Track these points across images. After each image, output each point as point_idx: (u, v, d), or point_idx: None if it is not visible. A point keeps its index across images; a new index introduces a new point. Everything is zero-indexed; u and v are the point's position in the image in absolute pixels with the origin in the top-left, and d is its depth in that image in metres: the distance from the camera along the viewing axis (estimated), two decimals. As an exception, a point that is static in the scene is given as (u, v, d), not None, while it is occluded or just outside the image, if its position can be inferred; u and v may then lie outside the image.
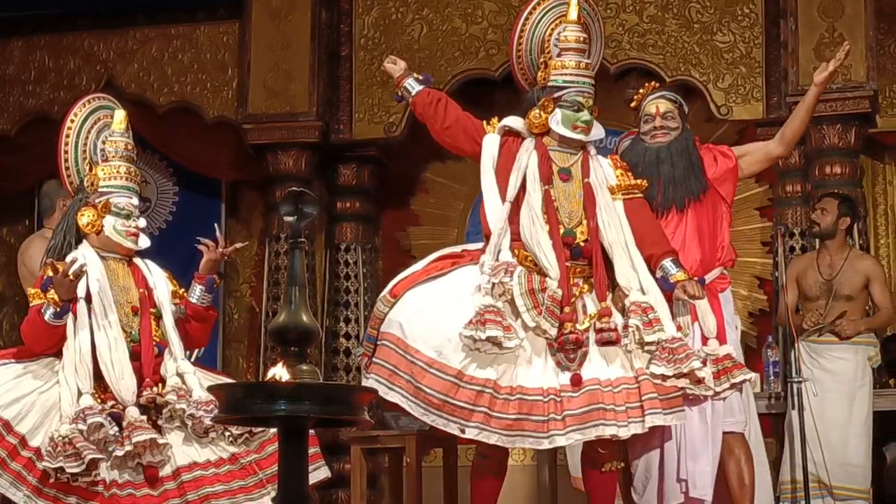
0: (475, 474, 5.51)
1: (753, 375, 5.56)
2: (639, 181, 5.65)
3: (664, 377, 5.25)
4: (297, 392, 4.12)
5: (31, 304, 5.61)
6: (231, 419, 4.75)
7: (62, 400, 5.44)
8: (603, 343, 5.30)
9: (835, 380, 7.48)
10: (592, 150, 5.71)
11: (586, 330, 5.33)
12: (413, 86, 5.82)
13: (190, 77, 9.35)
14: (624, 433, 5.22)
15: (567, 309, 5.33)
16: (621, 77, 8.87)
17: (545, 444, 5.24)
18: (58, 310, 5.45)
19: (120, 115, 5.93)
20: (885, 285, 7.58)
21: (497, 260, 5.39)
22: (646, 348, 5.30)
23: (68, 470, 5.24)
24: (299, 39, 9.02)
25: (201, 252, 5.99)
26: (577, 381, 5.25)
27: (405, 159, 9.26)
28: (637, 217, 5.56)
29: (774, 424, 7.86)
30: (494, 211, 5.52)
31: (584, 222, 5.51)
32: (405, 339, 5.31)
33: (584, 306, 5.41)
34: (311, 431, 5.13)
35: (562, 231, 5.46)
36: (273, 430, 5.28)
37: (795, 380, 6.91)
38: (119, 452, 5.33)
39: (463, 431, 5.23)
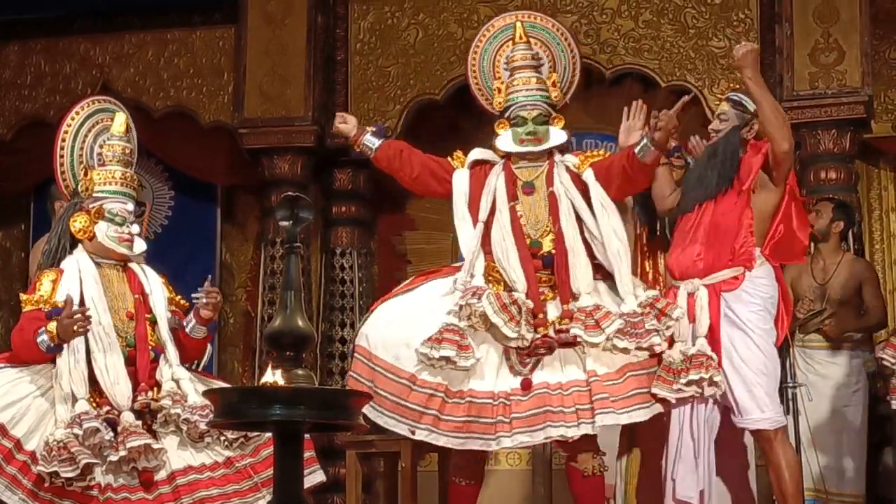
0: (451, 480, 5.73)
1: (707, 376, 5.52)
2: (601, 151, 5.93)
3: (626, 350, 5.44)
4: (293, 397, 4.13)
5: (23, 310, 5.61)
6: (226, 424, 4.76)
7: (58, 405, 5.44)
8: (561, 344, 5.48)
9: (829, 385, 7.49)
10: (558, 157, 5.86)
11: (556, 331, 5.52)
12: (372, 141, 5.96)
13: (186, 81, 9.35)
14: (573, 433, 5.40)
15: (540, 316, 5.53)
16: (617, 82, 8.87)
17: (493, 446, 5.45)
18: (52, 345, 5.43)
19: (120, 118, 5.93)
20: (876, 288, 7.59)
21: (472, 277, 5.59)
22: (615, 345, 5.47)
23: (63, 474, 5.23)
24: (295, 44, 9.02)
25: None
26: (526, 386, 5.46)
27: (401, 164, 9.25)
28: (603, 168, 5.75)
29: (769, 429, 7.86)
30: (467, 235, 5.74)
31: (552, 231, 5.70)
32: (369, 349, 5.55)
33: (546, 313, 5.59)
34: (307, 436, 5.14)
35: (528, 242, 5.66)
36: (268, 434, 5.28)
37: (790, 385, 6.92)
38: (114, 458, 5.33)
39: (413, 433, 5.47)
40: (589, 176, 5.75)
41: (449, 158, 5.95)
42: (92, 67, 9.47)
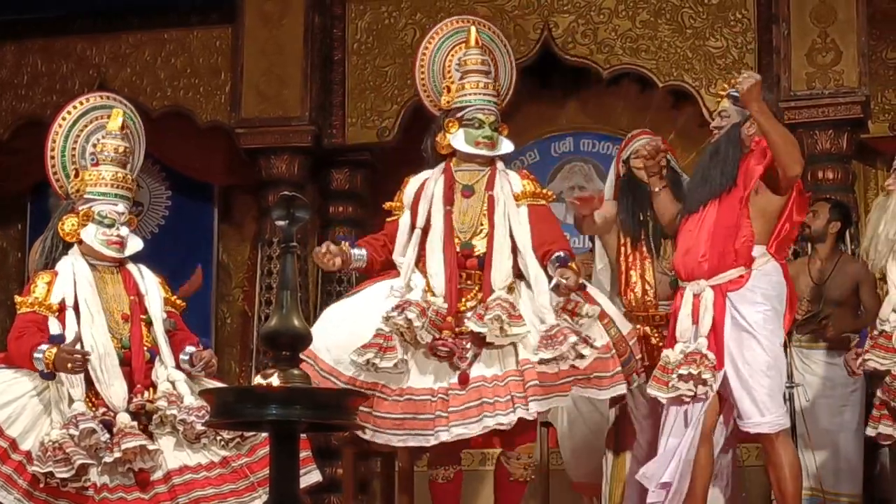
0: (431, 478, 5.81)
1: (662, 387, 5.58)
2: (546, 191, 5.95)
3: (545, 361, 5.51)
4: (289, 396, 4.13)
5: (18, 312, 5.60)
6: (222, 423, 4.75)
7: (53, 406, 5.44)
8: (480, 345, 5.60)
9: (826, 385, 7.48)
10: (501, 165, 5.95)
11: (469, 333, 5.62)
12: (360, 254, 5.93)
13: (183, 81, 9.35)
14: (507, 420, 5.51)
15: (449, 318, 5.64)
16: (614, 82, 8.88)
17: (431, 441, 5.56)
18: (46, 371, 5.42)
19: (116, 114, 5.89)
20: (873, 288, 7.58)
21: (410, 290, 5.71)
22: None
23: (58, 475, 5.23)
24: (292, 44, 9.02)
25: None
26: (464, 380, 5.59)
27: (398, 164, 9.22)
28: (538, 221, 5.82)
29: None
30: (401, 243, 5.87)
31: (485, 232, 5.79)
32: (314, 351, 5.61)
33: (460, 317, 5.68)
34: (303, 435, 5.14)
35: (459, 245, 5.77)
36: (264, 434, 5.28)
37: (787, 385, 6.91)
38: (109, 459, 5.32)
39: (363, 432, 5.58)
40: (523, 213, 5.84)
41: (391, 210, 6.05)
42: (89, 67, 9.47)
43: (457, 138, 5.89)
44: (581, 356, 5.55)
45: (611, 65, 8.71)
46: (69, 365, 5.33)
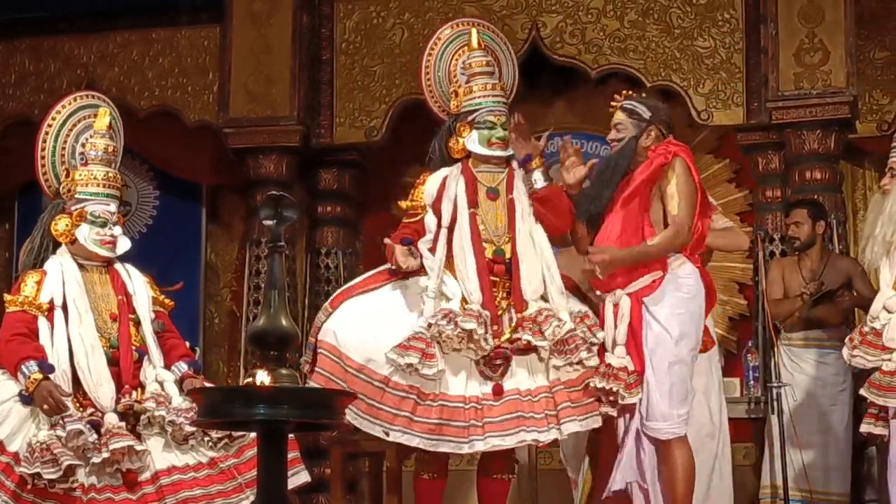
0: (416, 475, 5.80)
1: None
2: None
3: (557, 368, 5.56)
4: (276, 396, 4.14)
5: (7, 311, 5.59)
6: (210, 423, 4.75)
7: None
8: (515, 352, 5.58)
9: (816, 384, 7.49)
10: (515, 165, 5.91)
11: (508, 341, 5.60)
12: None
13: (171, 81, 9.33)
14: (545, 438, 5.54)
15: (495, 327, 5.60)
16: (602, 82, 8.88)
17: (465, 449, 5.53)
18: (26, 394, 5.41)
19: (104, 114, 5.88)
20: (866, 279, 7.59)
21: (447, 300, 5.63)
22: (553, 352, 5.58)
23: (45, 476, 5.22)
24: (280, 44, 9.01)
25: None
26: (498, 391, 5.55)
27: (386, 163, 9.25)
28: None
29: (755, 429, 7.88)
30: (427, 241, 5.79)
31: (510, 237, 5.76)
32: (339, 347, 5.56)
33: (509, 319, 5.66)
34: (291, 436, 5.13)
35: (491, 251, 5.73)
36: (252, 435, 5.28)
37: (775, 384, 6.92)
38: (97, 459, 5.31)
39: (387, 434, 5.52)
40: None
41: (408, 203, 5.97)
42: (77, 67, 9.45)
43: (471, 140, 5.86)
44: (583, 365, 5.59)
45: (599, 65, 8.71)
46: (45, 406, 5.33)
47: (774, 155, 8.49)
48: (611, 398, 5.55)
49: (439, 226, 5.79)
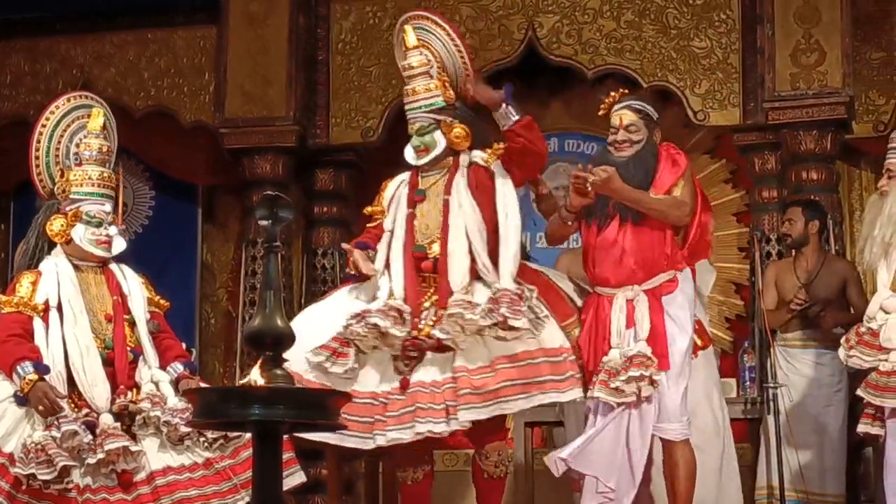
0: (401, 480, 5.87)
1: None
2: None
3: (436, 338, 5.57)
4: (272, 397, 4.12)
5: (2, 311, 5.58)
6: (205, 424, 4.74)
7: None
8: (430, 348, 5.63)
9: (812, 385, 7.49)
10: (465, 160, 5.91)
11: (427, 335, 5.64)
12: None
13: (167, 81, 9.33)
14: (441, 429, 5.53)
15: (416, 320, 5.66)
16: (599, 82, 8.87)
17: (370, 444, 5.62)
18: (22, 396, 5.42)
19: (98, 114, 5.87)
20: (860, 287, 7.60)
21: (374, 299, 5.76)
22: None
23: (40, 477, 5.23)
24: (277, 44, 9.00)
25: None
26: (405, 385, 5.63)
27: (382, 164, 9.20)
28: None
29: (750, 429, 7.87)
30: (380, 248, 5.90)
31: (440, 238, 5.80)
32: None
33: (434, 314, 5.70)
34: (286, 436, 5.13)
35: (414, 247, 5.79)
36: (248, 435, 5.27)
37: (771, 385, 6.92)
38: (91, 460, 5.31)
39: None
40: (497, 167, 5.85)
41: (373, 210, 6.12)
42: (72, 67, 9.45)
43: (407, 151, 6.00)
44: (529, 353, 5.58)
45: (595, 65, 8.71)
46: (40, 407, 5.34)
47: (771, 155, 8.49)
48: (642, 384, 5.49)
49: (385, 229, 5.91)
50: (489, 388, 5.52)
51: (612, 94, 5.93)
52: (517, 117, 5.75)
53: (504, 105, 5.75)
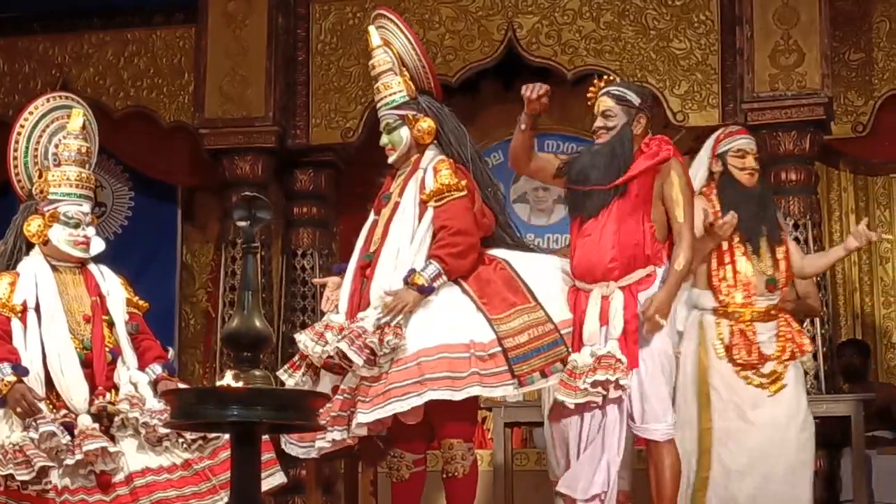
0: (392, 478, 5.75)
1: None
2: (458, 181, 5.65)
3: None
4: (250, 397, 4.12)
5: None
6: (183, 425, 4.73)
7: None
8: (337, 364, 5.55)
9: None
10: (424, 161, 5.78)
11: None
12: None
13: (146, 82, 9.32)
14: (340, 437, 5.45)
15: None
16: (578, 83, 8.88)
17: (311, 454, 5.62)
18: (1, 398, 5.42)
19: (77, 115, 5.85)
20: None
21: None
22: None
23: (18, 477, 5.21)
24: (256, 44, 8.99)
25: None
26: (334, 391, 5.52)
27: (362, 164, 9.24)
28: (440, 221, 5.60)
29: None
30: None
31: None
32: None
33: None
34: (266, 437, 5.12)
35: (362, 256, 5.70)
36: (226, 436, 5.26)
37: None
38: (70, 461, 5.30)
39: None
40: (427, 218, 5.64)
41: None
42: (51, 67, 9.43)
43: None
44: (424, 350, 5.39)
45: (575, 66, 8.72)
46: (18, 409, 5.33)
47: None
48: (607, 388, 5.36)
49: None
50: (378, 392, 5.35)
51: (596, 81, 5.84)
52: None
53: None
